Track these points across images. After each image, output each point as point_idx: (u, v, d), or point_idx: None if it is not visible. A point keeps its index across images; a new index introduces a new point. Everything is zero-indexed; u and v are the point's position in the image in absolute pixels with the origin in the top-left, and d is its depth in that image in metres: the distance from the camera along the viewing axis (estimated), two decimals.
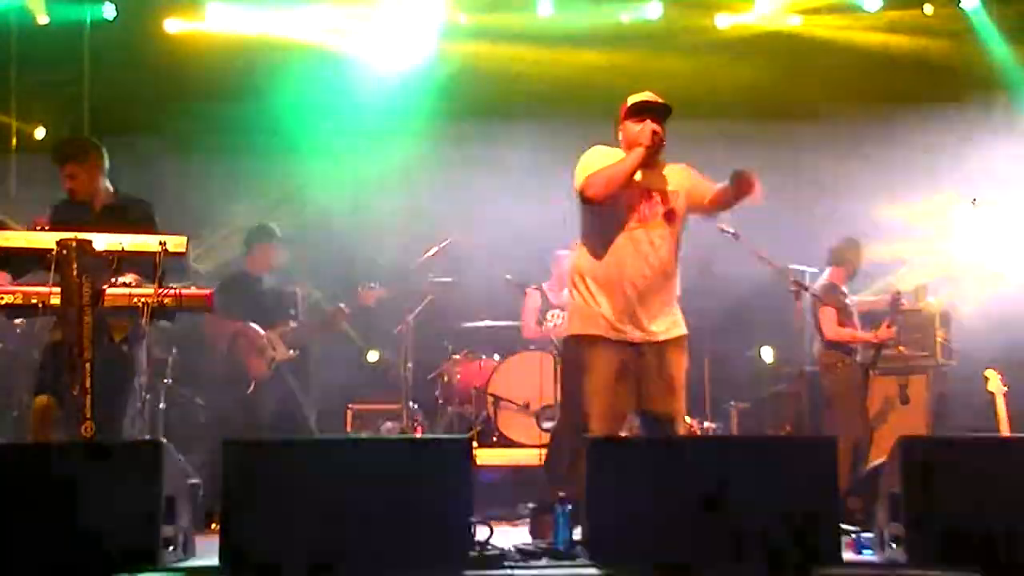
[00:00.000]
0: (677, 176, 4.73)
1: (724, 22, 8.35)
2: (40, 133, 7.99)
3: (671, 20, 8.22)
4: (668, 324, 4.61)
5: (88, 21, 7.92)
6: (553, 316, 7.87)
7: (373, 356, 7.85)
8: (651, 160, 4.62)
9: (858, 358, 6.76)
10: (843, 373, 6.62)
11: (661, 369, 4.55)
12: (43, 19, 7.83)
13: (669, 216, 4.63)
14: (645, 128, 4.58)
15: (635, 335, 4.54)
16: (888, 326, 6.70)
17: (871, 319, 6.94)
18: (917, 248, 8.08)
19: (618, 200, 4.57)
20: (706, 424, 7.30)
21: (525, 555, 3.83)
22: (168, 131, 7.81)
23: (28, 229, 4.50)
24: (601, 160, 4.67)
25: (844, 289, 6.90)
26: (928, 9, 8.21)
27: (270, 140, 7.80)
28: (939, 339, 7.33)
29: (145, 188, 5.62)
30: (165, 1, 8.06)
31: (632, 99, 4.72)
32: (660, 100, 4.71)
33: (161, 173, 7.60)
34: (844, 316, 6.76)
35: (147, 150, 7.52)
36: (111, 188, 5.20)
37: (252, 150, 7.85)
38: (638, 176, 4.60)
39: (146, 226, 4.89)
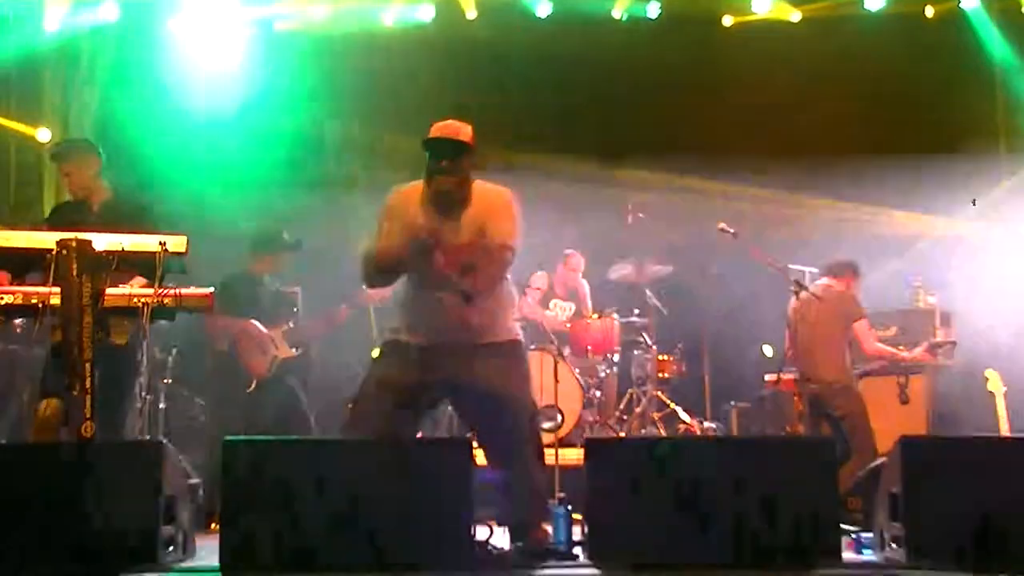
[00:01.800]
0: (479, 220, 4.27)
1: (727, 22, 8.39)
2: (44, 135, 7.99)
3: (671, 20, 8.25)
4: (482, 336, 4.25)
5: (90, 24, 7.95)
6: (555, 306, 7.89)
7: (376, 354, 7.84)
8: (446, 199, 4.25)
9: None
10: (857, 392, 6.55)
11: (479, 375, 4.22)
12: (54, 24, 7.84)
13: (465, 271, 4.17)
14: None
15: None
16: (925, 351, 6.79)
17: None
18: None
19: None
20: (706, 424, 7.31)
21: (526, 555, 3.83)
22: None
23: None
24: (391, 219, 4.32)
25: None
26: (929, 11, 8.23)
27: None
28: (939, 339, 7.33)
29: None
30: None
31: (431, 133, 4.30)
32: (450, 136, 4.25)
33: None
34: None
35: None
36: (108, 186, 5.25)
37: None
38: (434, 222, 4.23)
39: (144, 221, 4.91)
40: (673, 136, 8.25)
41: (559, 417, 6.88)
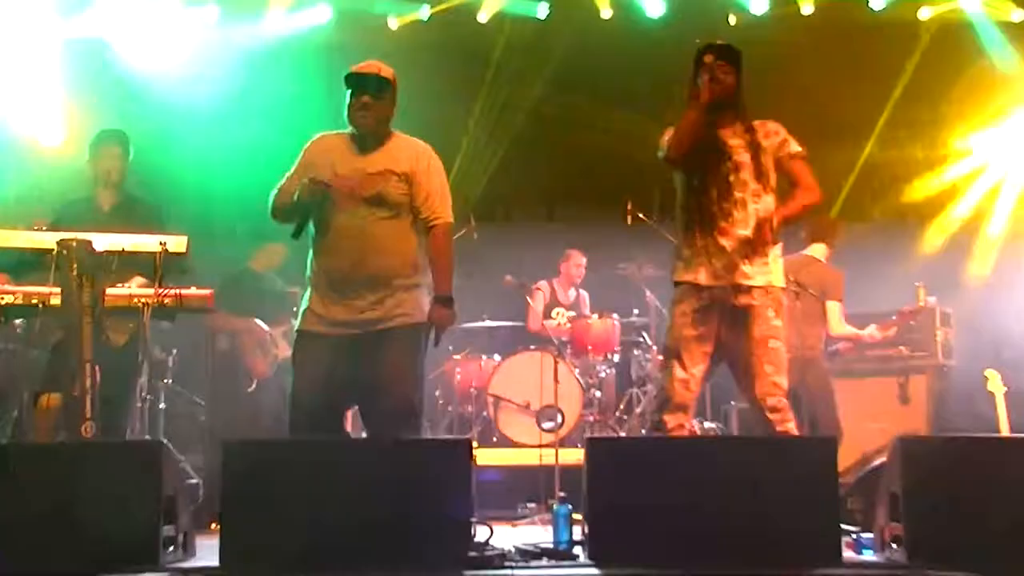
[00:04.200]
0: (403, 159, 4.37)
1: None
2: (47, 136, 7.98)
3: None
4: (385, 312, 4.29)
5: None
6: (558, 314, 7.90)
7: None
8: (365, 137, 4.37)
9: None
10: (826, 368, 6.55)
11: (377, 357, 4.28)
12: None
13: (374, 201, 4.30)
14: (351, 108, 4.33)
15: (348, 330, 4.29)
16: (884, 327, 6.69)
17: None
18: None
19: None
20: (706, 424, 7.30)
21: (525, 555, 3.83)
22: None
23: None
24: (306, 159, 4.43)
25: None
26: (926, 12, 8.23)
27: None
28: (939, 339, 7.33)
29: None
30: None
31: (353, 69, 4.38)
32: (369, 71, 4.34)
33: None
34: None
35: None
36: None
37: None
38: (350, 159, 4.35)
39: (156, 228, 4.92)
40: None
41: (559, 417, 6.90)
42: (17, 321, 5.46)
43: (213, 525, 4.90)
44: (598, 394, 7.40)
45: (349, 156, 4.39)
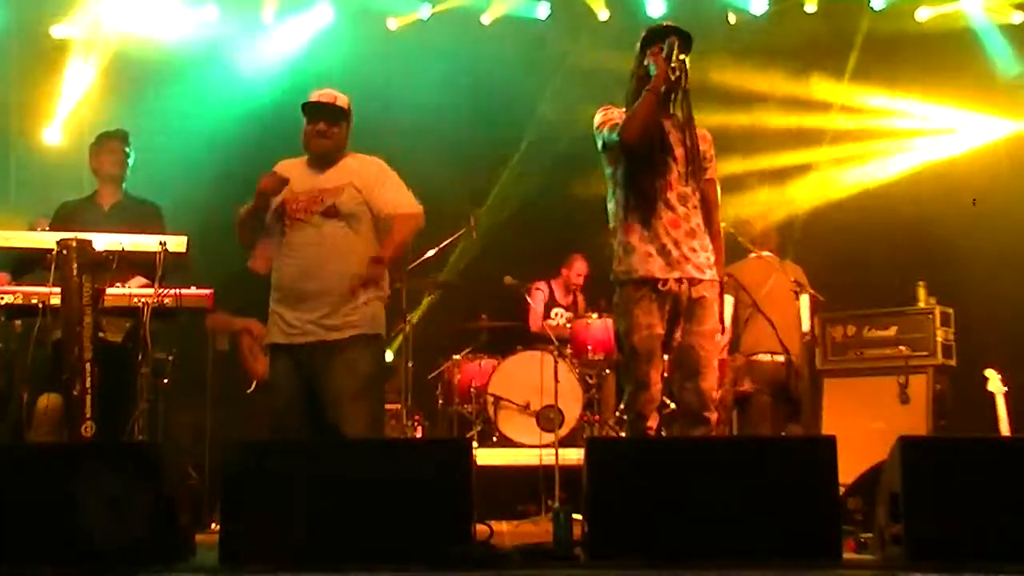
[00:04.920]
0: (354, 173, 4.57)
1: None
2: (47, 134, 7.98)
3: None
4: (342, 322, 4.45)
5: None
6: (557, 315, 7.91)
7: (387, 356, 7.84)
8: (321, 161, 4.56)
9: None
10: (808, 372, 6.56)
11: (331, 371, 4.44)
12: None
13: (329, 212, 4.48)
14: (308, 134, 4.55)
15: (305, 338, 4.45)
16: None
17: None
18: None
19: (282, 207, 4.54)
20: None
21: (525, 555, 3.82)
22: None
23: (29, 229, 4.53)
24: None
25: None
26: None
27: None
28: (939, 339, 7.32)
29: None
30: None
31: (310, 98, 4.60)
32: (328, 102, 4.55)
33: None
34: None
35: None
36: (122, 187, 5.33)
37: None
38: (306, 179, 4.55)
39: (155, 227, 4.93)
40: None
41: (559, 417, 6.91)
42: (17, 321, 5.47)
43: (213, 525, 4.91)
44: (598, 394, 7.40)
45: (306, 176, 4.56)
